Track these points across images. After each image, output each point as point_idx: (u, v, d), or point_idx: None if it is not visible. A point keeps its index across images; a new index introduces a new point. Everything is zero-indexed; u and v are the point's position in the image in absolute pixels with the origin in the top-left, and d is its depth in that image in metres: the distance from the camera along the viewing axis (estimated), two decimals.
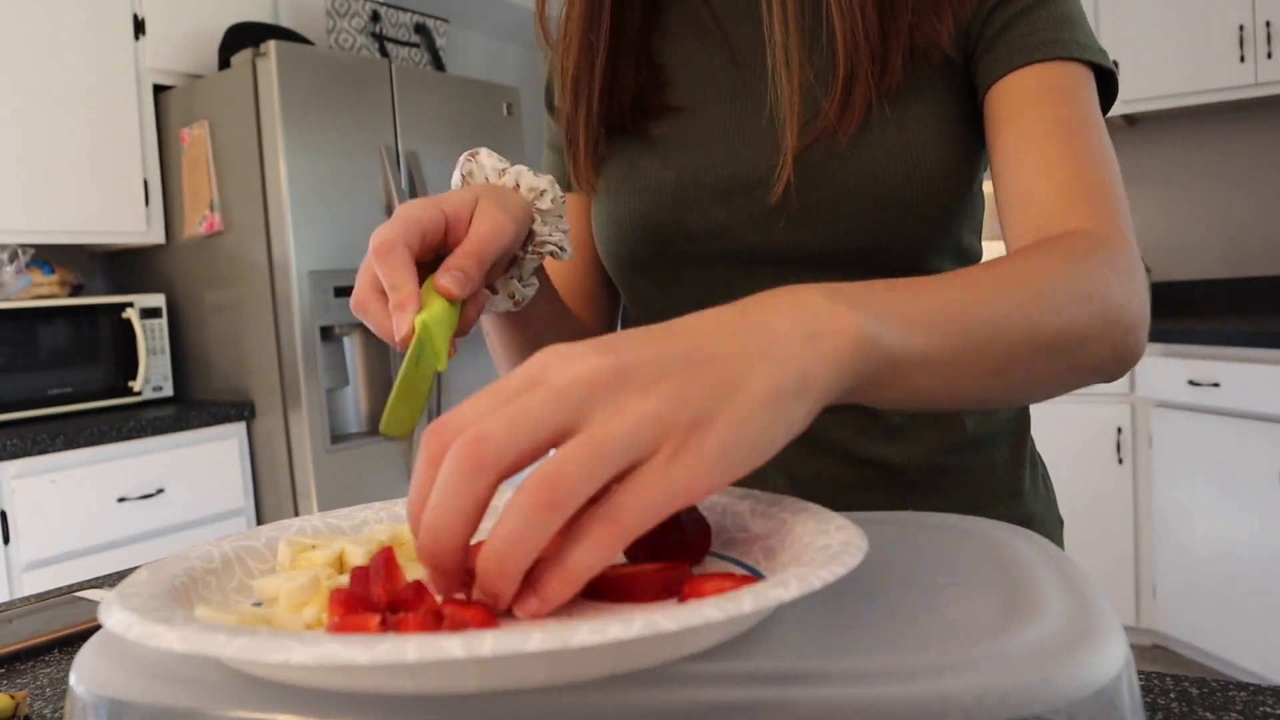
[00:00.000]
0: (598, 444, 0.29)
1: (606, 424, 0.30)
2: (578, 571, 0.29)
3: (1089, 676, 0.25)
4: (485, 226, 0.50)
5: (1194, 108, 2.79)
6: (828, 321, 0.35)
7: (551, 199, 0.57)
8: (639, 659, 0.27)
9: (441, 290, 0.48)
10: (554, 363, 0.32)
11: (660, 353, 0.32)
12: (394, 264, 0.47)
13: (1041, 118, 0.59)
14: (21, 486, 1.93)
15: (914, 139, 0.62)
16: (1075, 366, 0.48)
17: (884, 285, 0.40)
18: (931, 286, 0.42)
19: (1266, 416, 2.22)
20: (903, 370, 0.38)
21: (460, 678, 0.26)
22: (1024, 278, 0.46)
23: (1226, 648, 2.37)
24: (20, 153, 2.19)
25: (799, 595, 0.26)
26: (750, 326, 0.34)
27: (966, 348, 0.41)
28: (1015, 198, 0.59)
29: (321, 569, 0.37)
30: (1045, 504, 0.74)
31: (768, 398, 0.32)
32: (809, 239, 0.64)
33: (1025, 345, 0.44)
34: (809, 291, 0.36)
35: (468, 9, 3.41)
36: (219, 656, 0.25)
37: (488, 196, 0.52)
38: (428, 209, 0.49)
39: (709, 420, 0.31)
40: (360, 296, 0.49)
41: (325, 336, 2.33)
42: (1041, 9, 0.61)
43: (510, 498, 0.29)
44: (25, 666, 0.56)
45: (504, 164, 0.58)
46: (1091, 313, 0.47)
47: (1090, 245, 0.51)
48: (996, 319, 0.43)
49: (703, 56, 0.69)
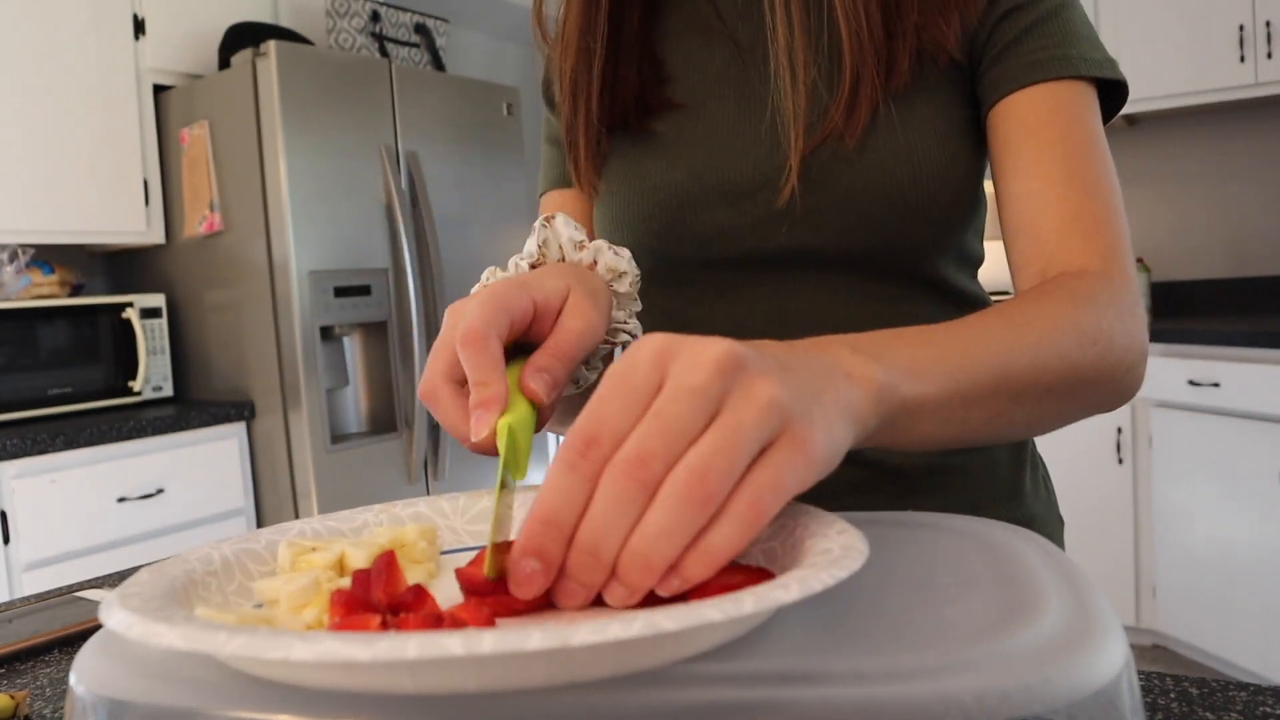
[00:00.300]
0: (735, 435, 0.31)
1: (739, 413, 0.31)
2: (722, 553, 0.30)
3: (1089, 677, 0.25)
4: (578, 324, 0.47)
5: (1194, 108, 2.79)
6: (853, 367, 0.38)
7: (630, 281, 0.55)
8: (639, 660, 0.27)
9: (527, 391, 0.44)
10: (674, 361, 0.32)
11: (757, 350, 0.34)
12: (484, 359, 0.42)
13: (1050, 144, 0.59)
14: (21, 486, 1.93)
15: (920, 142, 0.61)
16: (1078, 406, 0.52)
17: (895, 336, 0.44)
18: (943, 337, 0.46)
19: (1266, 416, 2.22)
20: (914, 416, 0.42)
21: (460, 677, 0.26)
22: (1032, 325, 0.49)
23: (1226, 648, 2.37)
24: (20, 153, 2.19)
25: (800, 598, 0.26)
26: (804, 355, 0.37)
27: (974, 395, 0.45)
28: (1023, 227, 0.60)
29: (322, 571, 0.37)
30: (1046, 504, 0.74)
31: (839, 412, 0.35)
32: (814, 241, 0.64)
33: (1030, 390, 0.47)
34: (835, 343, 0.40)
35: (468, 9, 3.41)
36: (219, 654, 0.25)
37: (579, 288, 0.49)
38: (518, 298, 0.45)
39: (809, 417, 0.33)
40: (432, 385, 0.45)
41: (325, 336, 2.33)
42: (1051, 22, 0.61)
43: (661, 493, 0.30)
44: (25, 666, 0.56)
45: (580, 235, 0.55)
46: (1096, 356, 0.50)
47: (1095, 287, 0.54)
48: (1003, 367, 0.46)
49: (705, 54, 0.69)
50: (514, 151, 2.84)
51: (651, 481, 0.30)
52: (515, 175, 2.85)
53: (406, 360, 2.48)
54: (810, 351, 0.38)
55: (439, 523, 0.47)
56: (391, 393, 2.48)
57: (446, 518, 0.47)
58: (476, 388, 0.42)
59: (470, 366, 0.42)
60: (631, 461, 0.31)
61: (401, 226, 2.42)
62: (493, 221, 2.76)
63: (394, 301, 2.46)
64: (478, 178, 2.73)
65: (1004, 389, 0.46)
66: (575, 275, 0.50)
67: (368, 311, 2.41)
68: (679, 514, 0.30)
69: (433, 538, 0.43)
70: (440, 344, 0.45)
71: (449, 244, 2.59)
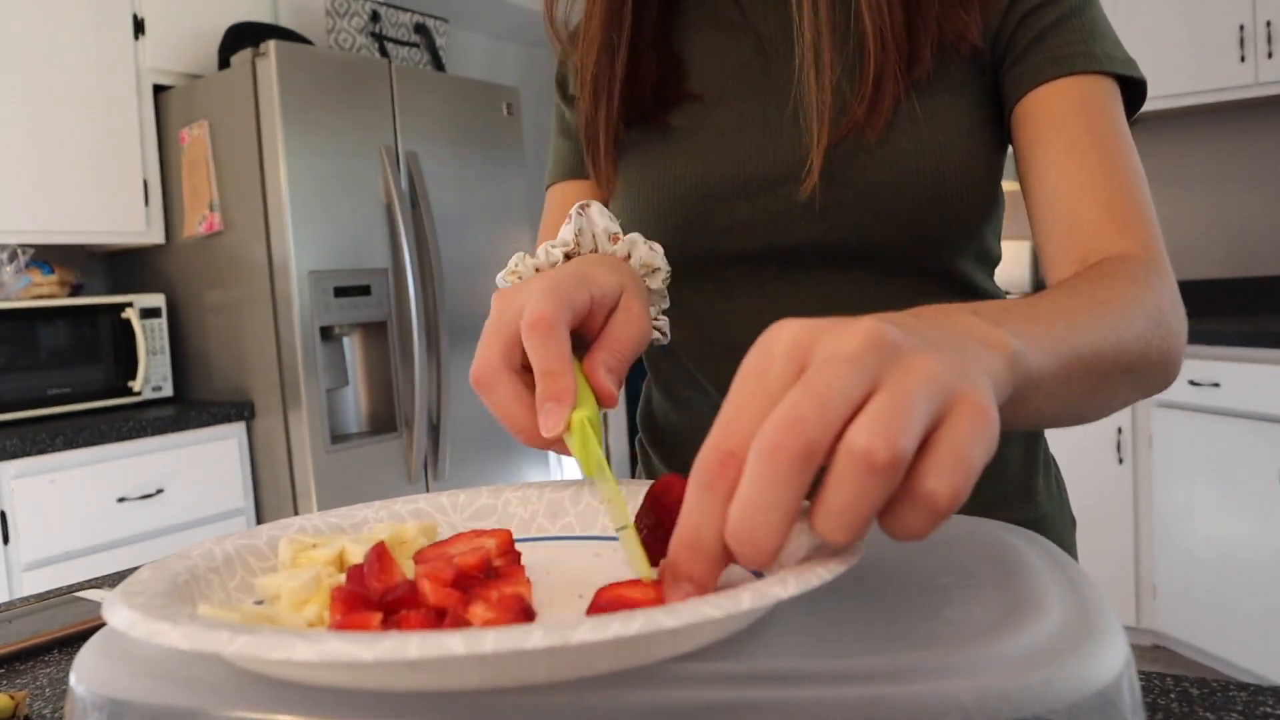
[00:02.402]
0: (907, 402, 0.27)
1: (904, 381, 0.28)
2: (951, 504, 0.28)
3: (1090, 677, 0.25)
4: (634, 330, 0.45)
5: (1194, 108, 2.79)
6: (986, 334, 0.35)
7: (663, 278, 0.54)
8: (638, 656, 0.27)
9: (600, 389, 0.42)
10: (819, 340, 0.30)
11: (902, 325, 0.31)
12: (555, 348, 0.40)
13: (1080, 134, 0.59)
14: (21, 486, 1.93)
15: (943, 137, 0.61)
16: (1143, 388, 0.51)
17: (1004, 308, 0.41)
18: (1046, 311, 0.44)
19: (1266, 416, 2.22)
20: (1034, 388, 0.39)
21: (464, 674, 0.26)
22: (1112, 304, 0.48)
23: (1226, 648, 2.37)
24: (20, 153, 2.19)
25: (797, 593, 0.26)
26: (936, 325, 0.33)
27: (1078, 371, 0.43)
28: (1059, 216, 0.59)
29: (323, 567, 0.37)
30: (1058, 505, 0.73)
31: (989, 378, 0.32)
32: (834, 236, 0.64)
33: (1113, 368, 0.47)
34: (958, 310, 0.37)
35: (468, 9, 3.41)
36: (223, 654, 0.25)
37: (632, 289, 0.47)
38: (580, 291, 0.43)
39: (975, 384, 0.30)
40: (490, 370, 0.42)
41: (325, 336, 2.33)
42: (1074, 19, 0.61)
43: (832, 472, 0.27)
44: (25, 666, 0.56)
45: (615, 226, 0.54)
46: (1160, 339, 0.50)
47: (1149, 271, 0.54)
48: (1096, 344, 0.45)
49: (726, 46, 0.68)
50: (514, 151, 2.84)
51: (813, 450, 0.27)
52: (515, 175, 2.85)
53: (406, 360, 2.48)
54: (939, 320, 0.35)
55: (439, 519, 0.47)
56: (391, 393, 2.48)
57: (446, 514, 0.47)
58: (546, 378, 0.40)
59: (540, 355, 0.40)
60: (782, 429, 0.27)
61: (401, 226, 2.42)
62: (493, 221, 2.76)
63: (394, 301, 2.46)
64: (478, 178, 2.73)
65: (1096, 367, 0.45)
66: (628, 275, 0.49)
67: (368, 311, 2.41)
68: (858, 487, 0.27)
69: (433, 534, 0.43)
70: (494, 328, 0.43)
71: (449, 244, 2.59)
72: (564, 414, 0.39)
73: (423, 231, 2.49)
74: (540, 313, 0.40)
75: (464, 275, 2.63)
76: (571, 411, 0.39)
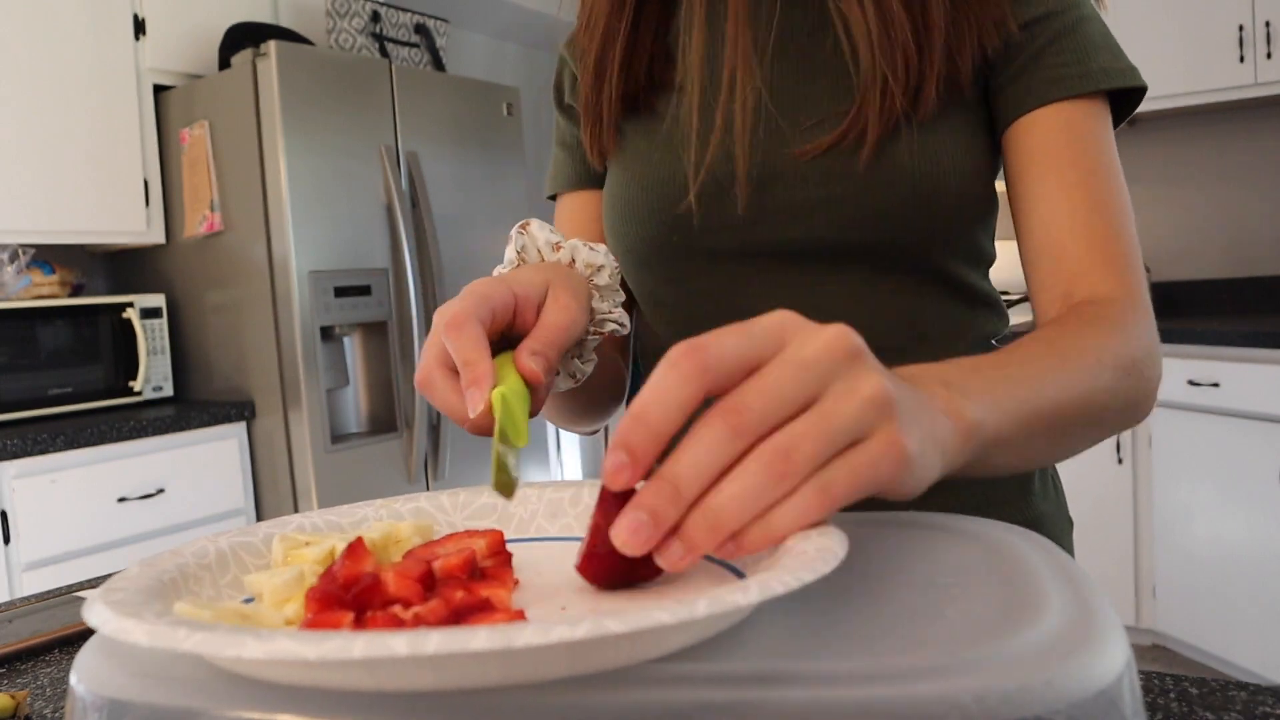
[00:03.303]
0: (830, 424, 0.31)
1: (840, 401, 0.32)
2: (782, 530, 0.31)
3: (1090, 677, 0.25)
4: (561, 318, 0.49)
5: (1194, 108, 2.79)
6: (948, 405, 0.39)
7: (609, 274, 0.57)
8: (595, 661, 0.27)
9: (525, 371, 0.46)
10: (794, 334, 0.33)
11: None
12: (467, 340, 0.44)
13: (1069, 167, 0.61)
14: (21, 486, 1.93)
15: (933, 135, 0.61)
16: (1110, 431, 0.55)
17: (973, 369, 0.45)
18: (1015, 369, 0.47)
19: (1266, 416, 2.22)
20: (993, 450, 0.43)
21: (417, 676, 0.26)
22: (1082, 358, 0.51)
23: (1226, 648, 2.37)
24: (20, 153, 2.19)
25: (759, 600, 0.26)
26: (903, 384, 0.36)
27: (1039, 428, 0.47)
28: (1045, 250, 0.62)
29: (309, 565, 0.37)
30: (1055, 505, 0.73)
31: (935, 443, 0.36)
32: (825, 234, 0.64)
33: (1077, 421, 0.50)
34: (925, 377, 0.40)
35: (468, 9, 3.41)
36: (179, 650, 0.26)
37: (559, 282, 0.51)
38: (498, 289, 0.48)
39: (909, 425, 0.33)
40: (426, 373, 0.47)
41: (325, 336, 2.33)
42: (1069, 37, 0.62)
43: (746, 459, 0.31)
44: (25, 666, 0.56)
45: (556, 236, 0.58)
46: (1130, 387, 0.53)
47: (1125, 316, 0.56)
48: (1059, 400, 0.48)
49: (721, 39, 0.68)
50: (514, 151, 2.84)
51: (742, 431, 0.31)
52: (515, 175, 2.85)
53: (406, 360, 2.48)
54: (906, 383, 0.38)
55: (438, 518, 0.47)
56: (391, 393, 2.48)
57: (446, 513, 0.47)
58: (465, 368, 0.44)
59: (456, 349, 0.44)
60: (727, 411, 0.31)
61: (401, 226, 2.42)
62: (493, 221, 2.76)
63: (394, 301, 2.46)
64: (478, 178, 2.73)
65: (1057, 423, 0.48)
66: (553, 270, 0.53)
67: (368, 311, 2.41)
68: (759, 484, 0.31)
69: (427, 533, 0.42)
70: (430, 339, 0.48)
71: (449, 244, 2.59)
72: (483, 393, 0.43)
73: (423, 231, 2.49)
74: (454, 313, 0.45)
75: (464, 275, 2.63)
76: (490, 390, 0.43)
